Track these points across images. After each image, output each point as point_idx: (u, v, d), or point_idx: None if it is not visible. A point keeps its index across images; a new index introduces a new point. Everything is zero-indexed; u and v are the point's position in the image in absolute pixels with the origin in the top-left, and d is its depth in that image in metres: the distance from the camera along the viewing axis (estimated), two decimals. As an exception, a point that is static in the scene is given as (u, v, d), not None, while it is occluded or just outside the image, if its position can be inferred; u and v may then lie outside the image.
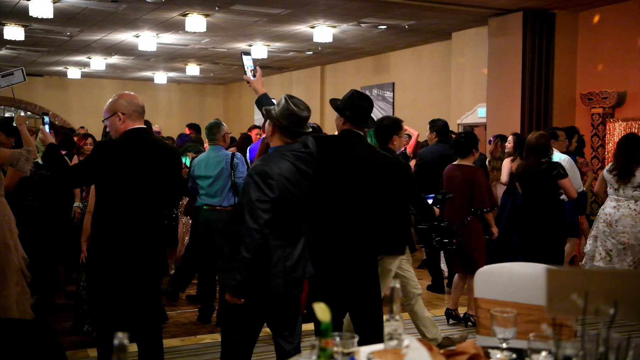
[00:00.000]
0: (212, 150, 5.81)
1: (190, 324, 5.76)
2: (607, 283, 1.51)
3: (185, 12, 12.00)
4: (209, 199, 5.65)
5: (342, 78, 18.79)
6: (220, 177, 5.65)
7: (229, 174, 5.63)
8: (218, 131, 5.84)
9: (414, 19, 12.98)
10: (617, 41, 11.95)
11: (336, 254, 3.81)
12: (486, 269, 2.93)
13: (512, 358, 2.01)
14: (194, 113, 23.20)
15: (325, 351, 1.80)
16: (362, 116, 3.83)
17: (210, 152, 5.80)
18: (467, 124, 14.20)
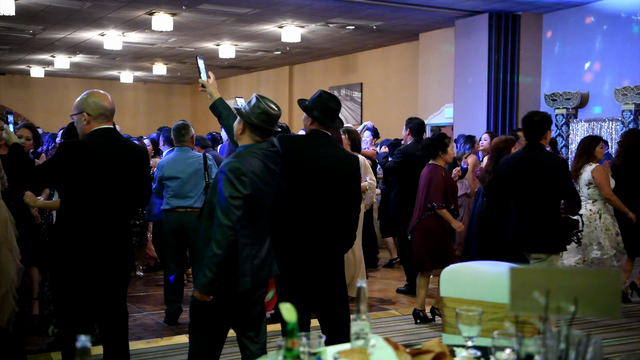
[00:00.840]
0: (181, 151, 5.74)
1: (155, 326, 5.70)
2: (568, 281, 1.54)
3: (152, 11, 11.88)
4: (179, 200, 5.59)
5: (310, 78, 18.81)
6: (193, 178, 5.61)
7: (202, 175, 5.59)
8: (187, 132, 5.79)
9: (381, 19, 13.05)
10: (579, 43, 12.18)
11: (303, 253, 3.81)
12: (452, 268, 2.96)
13: (477, 356, 2.03)
14: (161, 113, 23.00)
15: (291, 351, 1.80)
16: (330, 116, 3.84)
17: (179, 154, 5.73)
18: (434, 124, 14.33)
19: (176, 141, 5.80)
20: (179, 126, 5.81)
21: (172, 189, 5.62)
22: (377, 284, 7.24)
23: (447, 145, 5.61)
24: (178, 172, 5.62)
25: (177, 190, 5.60)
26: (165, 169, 5.67)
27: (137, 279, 7.54)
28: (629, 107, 11.19)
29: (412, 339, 5.12)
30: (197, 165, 5.65)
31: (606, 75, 11.72)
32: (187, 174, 5.62)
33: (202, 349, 3.39)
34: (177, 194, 5.60)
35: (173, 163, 5.67)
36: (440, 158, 5.60)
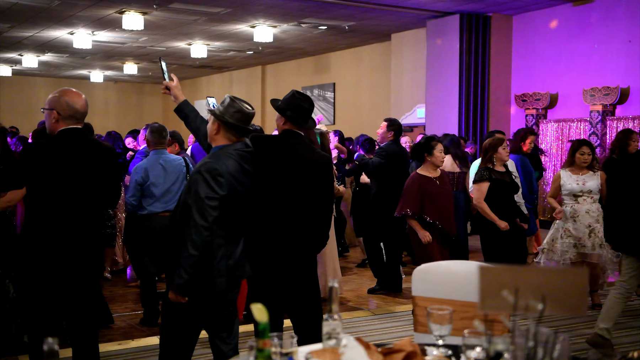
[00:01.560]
0: (159, 154, 5.59)
1: (127, 328, 5.64)
2: (536, 280, 1.56)
3: (122, 10, 11.76)
4: (163, 205, 5.46)
5: (283, 78, 18.78)
6: (177, 181, 5.52)
7: (184, 178, 5.51)
8: (167, 135, 5.71)
9: (353, 20, 13.09)
10: (549, 44, 12.35)
11: (276, 253, 3.80)
12: (424, 267, 2.97)
13: (447, 354, 2.05)
14: (132, 113, 22.78)
15: (262, 352, 1.79)
16: (303, 116, 3.84)
17: (158, 157, 5.58)
18: (406, 124, 14.40)
19: (157, 144, 5.62)
20: (159, 128, 5.65)
21: (156, 195, 5.47)
22: (349, 284, 7.25)
23: (433, 148, 5.49)
24: (163, 177, 5.48)
25: (162, 195, 5.47)
26: (150, 173, 5.49)
27: (105, 280, 7.46)
28: (597, 108, 11.38)
29: (384, 338, 5.14)
30: (180, 168, 5.57)
31: (575, 77, 11.91)
32: (173, 177, 5.51)
33: (174, 349, 3.36)
34: (162, 199, 5.47)
35: (157, 167, 5.52)
36: (428, 162, 5.53)
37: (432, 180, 5.51)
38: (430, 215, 5.43)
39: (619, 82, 11.15)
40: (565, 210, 5.90)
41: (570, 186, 5.89)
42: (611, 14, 11.33)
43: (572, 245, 5.83)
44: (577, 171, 5.93)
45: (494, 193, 5.62)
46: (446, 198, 5.55)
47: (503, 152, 5.68)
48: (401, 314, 5.89)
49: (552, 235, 5.98)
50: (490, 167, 5.68)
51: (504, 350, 1.58)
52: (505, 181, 5.68)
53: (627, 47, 11.12)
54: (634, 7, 11.02)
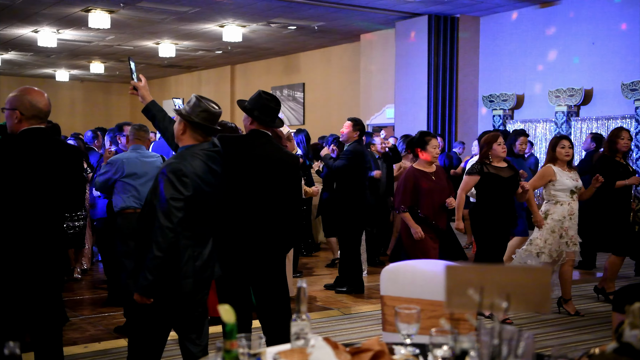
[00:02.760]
0: (138, 149, 5.52)
1: (94, 330, 5.56)
2: (500, 278, 1.58)
3: (88, 8, 11.60)
4: (139, 201, 5.36)
5: (252, 78, 18.73)
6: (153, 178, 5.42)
7: None
8: (147, 132, 5.65)
9: (322, 20, 13.11)
10: (515, 46, 12.53)
11: (244, 253, 3.78)
12: (392, 267, 2.98)
13: (415, 353, 2.06)
14: (99, 112, 22.49)
15: (230, 353, 1.78)
16: (269, 116, 3.84)
17: (135, 153, 5.51)
18: (376, 124, 14.48)
19: (135, 138, 5.55)
20: (140, 125, 5.64)
21: (132, 188, 5.38)
22: (319, 284, 7.26)
23: (426, 143, 5.48)
24: (141, 171, 5.41)
25: (140, 189, 5.37)
26: (126, 166, 5.41)
27: (74, 282, 7.35)
28: (562, 109, 11.58)
29: (353, 338, 5.15)
30: (158, 164, 5.50)
31: (540, 78, 12.09)
32: (149, 173, 5.43)
33: (142, 351, 3.33)
34: (137, 195, 5.37)
35: (135, 161, 5.43)
36: (421, 157, 5.52)
37: (428, 174, 5.51)
38: (423, 209, 5.42)
39: (583, 84, 11.36)
40: (563, 209, 5.71)
41: (568, 182, 5.71)
42: (576, 16, 11.54)
43: (567, 244, 5.71)
44: (565, 168, 5.79)
45: (487, 187, 5.55)
46: (441, 193, 5.53)
47: (498, 148, 5.57)
48: (370, 313, 5.91)
49: (545, 238, 5.73)
50: (486, 162, 5.59)
51: (469, 348, 1.60)
52: (500, 177, 5.54)
53: (591, 49, 11.33)
54: (597, 10, 11.24)
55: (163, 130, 3.67)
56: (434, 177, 5.53)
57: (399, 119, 13.28)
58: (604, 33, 11.12)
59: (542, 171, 5.85)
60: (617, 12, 10.95)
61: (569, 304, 5.91)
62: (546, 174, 5.78)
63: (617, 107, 10.89)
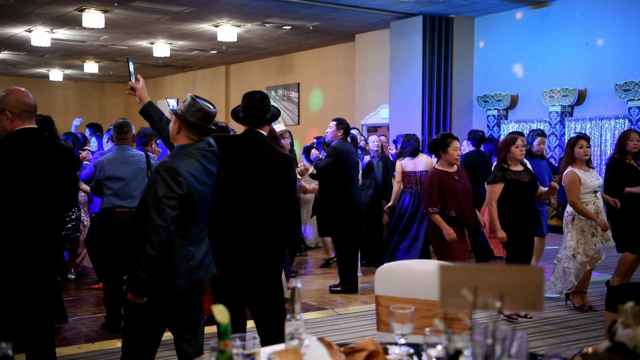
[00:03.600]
0: (121, 150, 5.52)
1: (89, 331, 5.54)
2: (494, 278, 1.58)
3: (82, 7, 11.56)
4: (121, 200, 5.39)
5: (247, 78, 18.71)
6: (137, 177, 5.44)
7: (146, 175, 5.44)
8: (129, 130, 5.62)
9: (317, 20, 13.11)
10: (509, 46, 12.56)
11: (239, 253, 3.78)
12: (386, 266, 2.99)
13: (409, 353, 2.06)
14: (93, 112, 22.40)
15: (224, 353, 1.78)
16: (253, 115, 3.84)
17: (119, 152, 5.51)
18: (371, 124, 14.50)
19: (118, 139, 5.57)
20: (121, 124, 5.62)
21: (114, 189, 5.40)
22: (314, 283, 7.26)
23: (447, 145, 5.53)
24: (121, 172, 5.41)
25: (120, 191, 5.39)
26: (106, 168, 5.42)
27: (68, 283, 7.33)
28: (556, 109, 11.61)
29: (347, 338, 5.16)
30: (139, 164, 5.50)
31: (534, 78, 12.13)
32: (130, 173, 5.44)
33: (136, 351, 3.32)
34: (120, 194, 5.39)
35: (115, 162, 5.45)
36: (443, 159, 5.59)
37: (451, 174, 5.57)
38: (454, 210, 5.47)
39: (577, 84, 11.40)
40: (590, 209, 5.74)
41: (591, 183, 5.76)
42: (569, 16, 11.58)
43: (599, 241, 5.77)
44: (584, 168, 5.83)
45: (510, 194, 5.55)
46: (465, 193, 5.58)
47: (516, 151, 5.60)
48: (364, 313, 5.91)
49: (577, 238, 5.79)
50: (505, 167, 5.61)
51: (463, 347, 1.60)
52: (521, 181, 5.57)
53: (585, 49, 11.36)
54: (590, 10, 11.28)
55: (160, 131, 3.67)
56: (457, 176, 5.60)
57: (393, 119, 13.29)
58: (597, 34, 11.15)
59: (569, 180, 5.81)
60: (610, 13, 10.99)
61: (575, 296, 5.99)
62: (575, 181, 5.78)
63: (611, 107, 10.93)
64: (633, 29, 10.68)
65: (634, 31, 10.66)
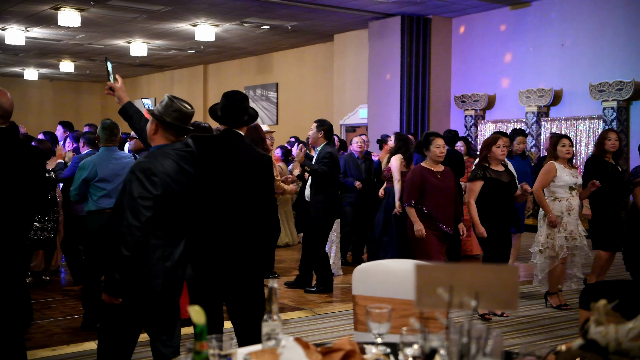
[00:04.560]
0: (109, 151, 5.41)
1: (62, 333, 5.48)
2: (470, 277, 1.59)
3: (58, 6, 11.43)
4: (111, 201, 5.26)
5: (225, 78, 18.64)
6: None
7: None
8: (119, 132, 5.54)
9: (296, 20, 13.10)
10: (486, 47, 12.66)
11: (219, 253, 3.76)
12: (363, 266, 2.99)
13: (386, 352, 2.06)
14: (69, 112, 22.17)
15: (200, 354, 1.77)
16: (233, 116, 3.83)
17: (107, 154, 5.40)
18: (349, 124, 14.53)
19: (108, 140, 5.45)
20: (110, 125, 5.48)
21: (107, 191, 5.29)
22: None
23: (430, 143, 5.62)
24: (113, 173, 5.31)
25: (112, 192, 5.27)
26: (98, 169, 5.31)
27: (44, 284, 7.24)
28: (532, 109, 11.73)
29: (325, 337, 5.16)
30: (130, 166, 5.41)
31: (511, 79, 12.24)
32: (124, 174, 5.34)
33: (111, 352, 3.29)
34: (112, 196, 5.27)
35: (107, 164, 5.33)
36: (428, 157, 5.66)
37: (434, 172, 5.62)
38: (429, 207, 5.52)
39: (553, 85, 11.52)
40: (561, 205, 5.86)
41: (567, 178, 5.85)
42: (545, 18, 11.70)
43: (565, 238, 5.83)
44: (566, 165, 5.94)
45: (489, 193, 5.61)
46: (446, 193, 5.60)
47: (497, 151, 5.64)
48: (342, 313, 5.91)
49: (546, 233, 5.90)
50: (486, 165, 5.67)
51: (439, 346, 1.61)
52: (500, 181, 5.63)
53: (561, 50, 11.50)
54: (566, 12, 11.41)
55: (139, 131, 3.65)
56: (440, 176, 5.63)
57: (372, 119, 13.32)
58: (573, 35, 11.29)
59: (545, 168, 5.98)
60: (586, 14, 11.13)
61: (553, 297, 6.05)
62: (550, 170, 5.91)
63: (586, 107, 11.07)
64: (607, 31, 10.82)
65: (609, 33, 10.81)
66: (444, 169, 5.70)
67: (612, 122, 10.49)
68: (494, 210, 5.62)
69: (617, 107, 10.53)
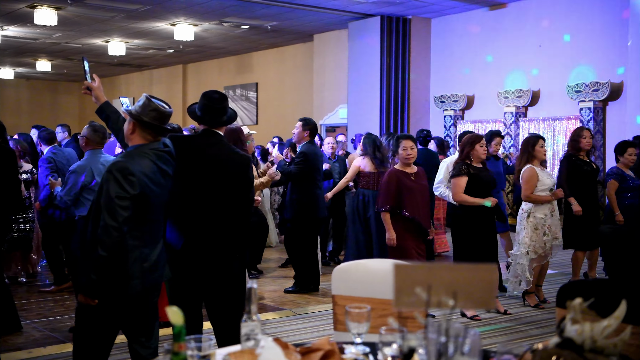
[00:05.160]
0: (98, 154, 5.31)
1: (40, 337, 5.41)
2: (447, 276, 1.60)
3: (34, 4, 11.29)
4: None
5: (204, 77, 18.56)
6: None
7: None
8: (107, 135, 5.47)
9: (275, 19, 13.08)
10: (465, 47, 12.74)
11: (198, 253, 3.74)
12: (343, 266, 2.99)
13: (365, 352, 2.06)
14: (46, 112, 21.96)
15: (178, 355, 1.76)
16: (212, 115, 3.81)
17: (96, 157, 5.30)
18: (329, 124, 14.53)
19: (99, 143, 5.34)
20: (102, 127, 5.37)
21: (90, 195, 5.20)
22: (271, 284, 7.24)
23: (397, 145, 5.65)
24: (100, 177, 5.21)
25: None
26: (95, 174, 5.19)
27: (19, 286, 7.15)
28: (510, 110, 11.83)
29: (305, 338, 5.16)
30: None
31: (490, 79, 12.33)
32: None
33: (87, 355, 3.25)
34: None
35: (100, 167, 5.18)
36: (398, 159, 5.68)
37: (409, 175, 5.61)
38: (409, 210, 5.51)
39: (530, 85, 11.63)
40: (544, 207, 5.86)
41: (547, 180, 5.87)
42: (523, 19, 11.81)
43: (550, 240, 5.86)
44: (540, 167, 5.94)
45: (470, 189, 5.63)
46: (422, 194, 5.62)
47: (480, 150, 5.66)
48: (322, 313, 5.92)
49: (530, 235, 5.89)
50: (468, 162, 5.68)
51: (417, 346, 1.61)
52: (481, 178, 5.66)
53: (538, 51, 11.60)
54: (543, 13, 11.52)
55: (117, 131, 3.63)
56: (414, 177, 5.63)
57: (352, 119, 13.34)
58: (550, 36, 11.40)
59: (528, 175, 5.94)
60: (562, 15, 11.25)
61: (531, 297, 6.09)
62: (533, 176, 5.90)
63: (563, 108, 11.18)
64: (584, 32, 10.95)
65: (585, 34, 10.93)
66: (417, 169, 5.71)
67: (589, 123, 10.61)
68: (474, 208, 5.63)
69: (593, 108, 10.65)
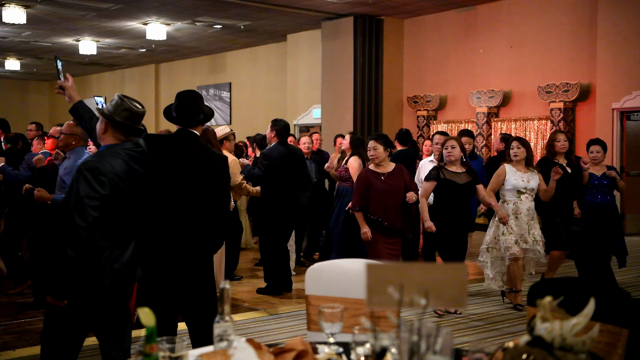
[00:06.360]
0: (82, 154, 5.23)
1: (8, 338, 5.32)
2: (419, 276, 1.61)
3: (2, 2, 11.11)
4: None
5: (177, 77, 18.42)
6: None
7: None
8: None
9: (249, 19, 13.04)
10: (437, 48, 12.83)
11: (171, 255, 3.71)
12: (316, 266, 2.99)
13: (338, 352, 2.07)
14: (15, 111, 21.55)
15: (149, 357, 1.75)
16: (187, 115, 3.79)
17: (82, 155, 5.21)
18: (303, 124, 14.53)
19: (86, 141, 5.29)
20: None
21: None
22: (245, 284, 7.21)
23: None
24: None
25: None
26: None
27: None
28: (482, 110, 11.95)
29: (279, 338, 5.15)
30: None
31: (462, 80, 12.44)
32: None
33: (55, 356, 3.20)
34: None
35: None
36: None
37: (379, 175, 5.60)
38: (374, 212, 5.54)
39: (502, 86, 11.76)
40: (507, 207, 5.89)
41: (515, 181, 5.87)
42: (494, 20, 11.93)
43: (514, 241, 5.85)
44: (520, 168, 5.96)
45: (443, 193, 5.69)
46: (391, 195, 5.56)
47: (444, 152, 5.76)
48: (296, 313, 5.91)
49: (493, 233, 5.96)
50: (441, 165, 5.74)
51: (389, 345, 1.62)
52: (455, 183, 5.66)
53: (509, 52, 11.74)
54: (514, 14, 11.66)
55: (90, 131, 3.61)
56: (384, 177, 5.59)
57: (325, 119, 13.35)
58: (521, 37, 11.54)
59: (496, 173, 6.06)
60: (534, 17, 11.39)
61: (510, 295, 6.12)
62: (500, 173, 5.99)
63: (534, 108, 11.33)
64: (553, 33, 11.10)
65: (555, 35, 11.09)
66: (393, 168, 5.66)
67: (559, 123, 10.76)
68: (446, 211, 5.71)
69: (563, 108, 10.81)
